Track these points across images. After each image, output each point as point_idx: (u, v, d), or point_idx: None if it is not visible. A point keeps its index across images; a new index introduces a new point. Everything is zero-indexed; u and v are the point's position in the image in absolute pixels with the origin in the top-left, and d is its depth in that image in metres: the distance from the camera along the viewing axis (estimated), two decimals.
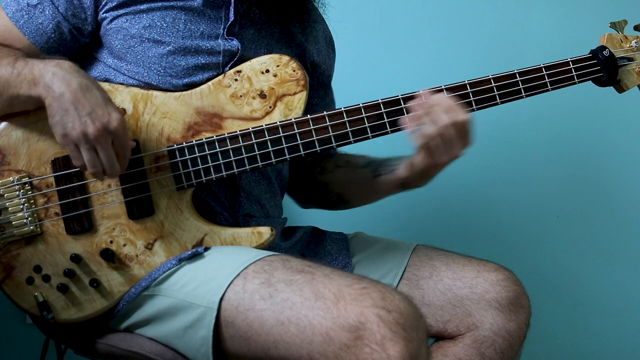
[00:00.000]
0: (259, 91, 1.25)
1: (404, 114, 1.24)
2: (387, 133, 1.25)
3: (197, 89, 1.25)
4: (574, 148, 2.04)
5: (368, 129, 1.24)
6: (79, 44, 1.30)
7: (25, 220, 1.19)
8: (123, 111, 1.22)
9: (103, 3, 1.26)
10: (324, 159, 1.46)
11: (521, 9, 1.99)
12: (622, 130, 2.03)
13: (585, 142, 2.04)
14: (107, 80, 1.26)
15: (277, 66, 1.25)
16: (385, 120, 1.25)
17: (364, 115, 1.24)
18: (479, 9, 1.98)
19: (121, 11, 1.26)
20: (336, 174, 1.43)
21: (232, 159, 1.22)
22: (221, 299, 1.10)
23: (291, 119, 1.23)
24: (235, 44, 1.28)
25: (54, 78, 1.12)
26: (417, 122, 1.20)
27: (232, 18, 1.29)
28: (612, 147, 2.03)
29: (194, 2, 1.28)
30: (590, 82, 1.35)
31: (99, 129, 1.10)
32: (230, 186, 1.30)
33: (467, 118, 1.18)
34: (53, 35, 1.26)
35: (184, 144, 1.22)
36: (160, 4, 1.27)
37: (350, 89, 1.58)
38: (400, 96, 1.25)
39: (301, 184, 1.49)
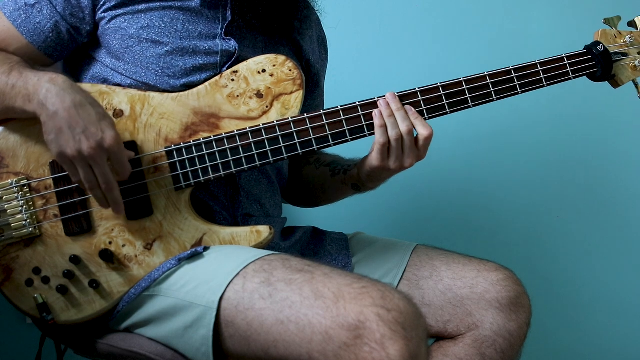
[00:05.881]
0: (255, 91, 1.25)
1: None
2: None
3: (194, 89, 1.25)
4: (574, 148, 2.04)
5: (365, 127, 1.25)
6: (76, 44, 1.30)
7: (24, 222, 1.19)
8: (120, 113, 1.22)
9: (101, 3, 1.27)
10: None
11: (518, 8, 2.00)
12: (621, 131, 2.03)
13: (584, 142, 2.04)
14: (105, 80, 1.27)
15: (274, 66, 1.26)
16: None
17: (360, 113, 1.24)
18: (477, 8, 1.99)
19: (119, 11, 1.26)
20: (305, 170, 1.47)
21: (230, 158, 1.22)
22: (221, 298, 1.09)
23: (288, 118, 1.23)
24: (232, 44, 1.29)
25: (47, 95, 1.11)
26: (383, 119, 1.22)
27: (229, 18, 1.30)
28: (612, 148, 2.03)
29: (192, 3, 1.29)
30: (586, 79, 1.35)
31: (93, 147, 1.10)
32: (230, 186, 1.30)
33: (427, 133, 1.21)
34: (51, 34, 1.26)
35: (182, 145, 1.22)
36: (158, 4, 1.27)
37: (348, 87, 1.59)
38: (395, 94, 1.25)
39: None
